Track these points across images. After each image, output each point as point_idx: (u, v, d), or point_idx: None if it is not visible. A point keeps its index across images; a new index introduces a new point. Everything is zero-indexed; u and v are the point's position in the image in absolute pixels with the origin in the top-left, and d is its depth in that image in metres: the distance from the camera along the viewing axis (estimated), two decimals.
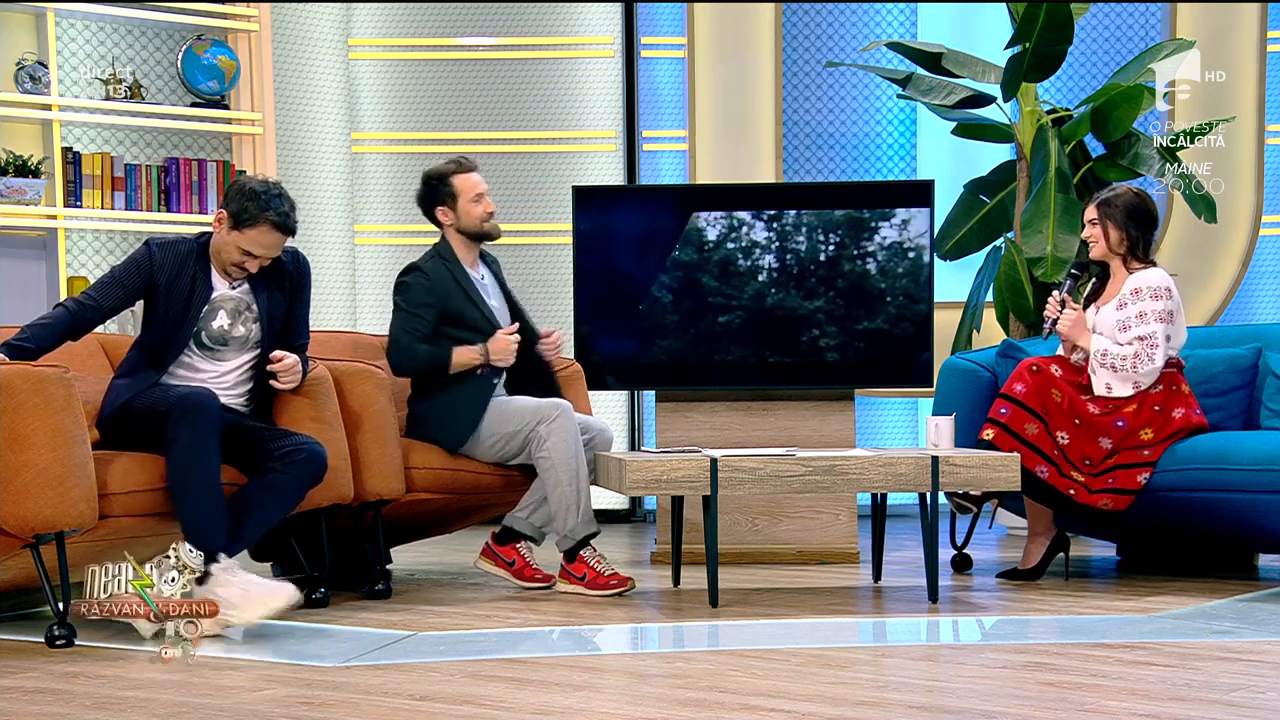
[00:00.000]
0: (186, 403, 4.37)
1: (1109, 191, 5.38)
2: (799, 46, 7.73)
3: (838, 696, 3.45)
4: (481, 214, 5.34)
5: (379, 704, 3.41)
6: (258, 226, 4.58)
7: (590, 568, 5.11)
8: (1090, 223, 5.35)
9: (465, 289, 5.31)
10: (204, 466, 4.33)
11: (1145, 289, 5.23)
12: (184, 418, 4.33)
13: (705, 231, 6.00)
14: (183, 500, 4.32)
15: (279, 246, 4.66)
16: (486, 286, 5.41)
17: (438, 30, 7.62)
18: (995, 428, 5.21)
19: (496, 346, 5.24)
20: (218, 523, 4.33)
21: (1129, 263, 5.32)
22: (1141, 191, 5.39)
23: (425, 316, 5.26)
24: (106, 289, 4.60)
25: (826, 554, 5.98)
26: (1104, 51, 7.80)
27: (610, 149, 7.62)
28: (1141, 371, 5.20)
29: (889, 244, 5.99)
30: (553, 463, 5.11)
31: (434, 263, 5.33)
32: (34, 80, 6.46)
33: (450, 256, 5.35)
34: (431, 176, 5.37)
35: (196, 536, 4.26)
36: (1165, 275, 5.28)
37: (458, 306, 5.29)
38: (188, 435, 4.32)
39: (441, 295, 5.28)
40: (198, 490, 4.32)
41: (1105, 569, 5.76)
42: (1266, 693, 3.47)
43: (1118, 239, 5.31)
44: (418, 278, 5.31)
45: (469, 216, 5.34)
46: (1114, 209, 5.30)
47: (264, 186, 4.61)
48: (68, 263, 6.62)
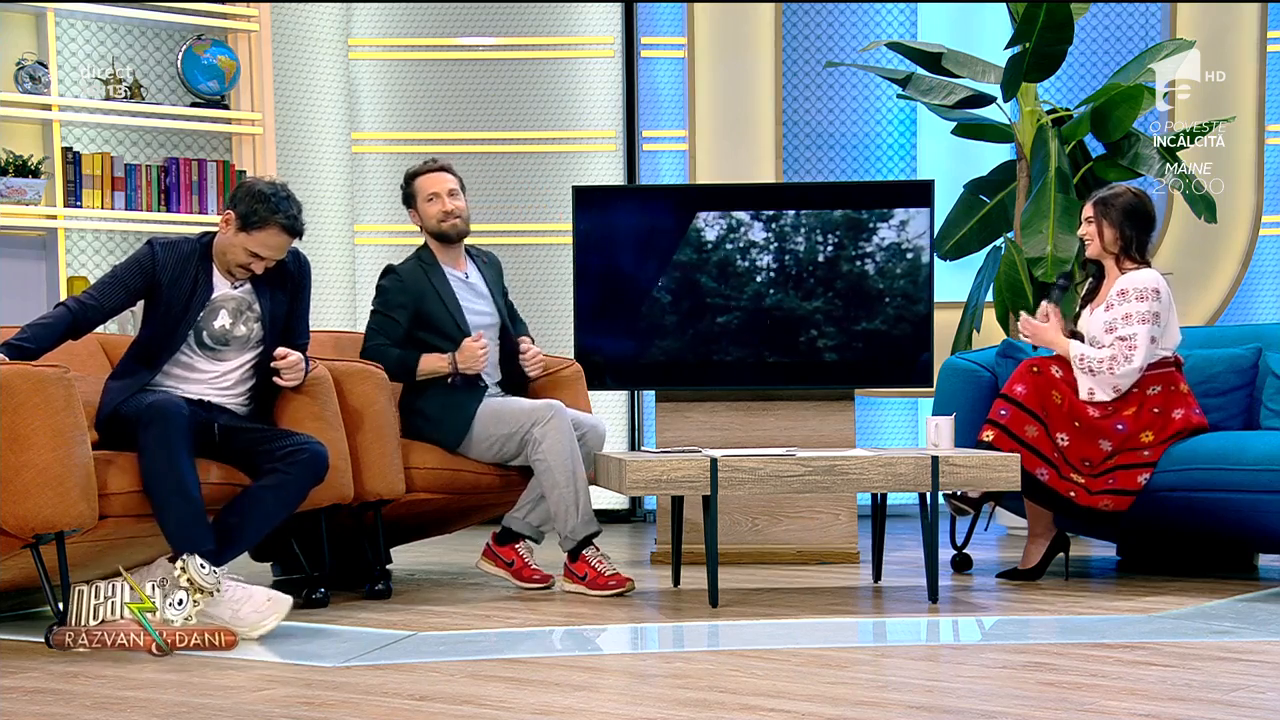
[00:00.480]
0: (151, 411, 4.35)
1: (1108, 190, 5.37)
2: (799, 46, 7.73)
3: (838, 696, 3.45)
4: (437, 213, 5.34)
5: (379, 704, 3.41)
6: (266, 229, 4.58)
7: (592, 568, 5.11)
8: (1087, 220, 5.34)
9: (439, 291, 5.31)
10: (174, 473, 4.28)
11: (1131, 290, 5.22)
12: (150, 426, 4.31)
13: (705, 232, 6.00)
14: (161, 508, 4.30)
15: (285, 249, 4.66)
16: (473, 286, 5.40)
17: (438, 30, 7.62)
18: (995, 429, 5.20)
19: (464, 355, 5.24)
20: (200, 527, 4.30)
21: (1121, 263, 5.31)
22: (1141, 192, 5.38)
23: (398, 319, 5.28)
24: (108, 288, 4.60)
25: (826, 554, 5.98)
26: (1104, 51, 7.80)
27: (610, 149, 7.62)
28: (1118, 373, 5.18)
29: (889, 244, 5.99)
30: (549, 464, 5.11)
31: (411, 264, 5.37)
32: (34, 80, 6.46)
33: (429, 259, 5.37)
34: (405, 178, 5.44)
35: (181, 543, 4.24)
36: (1155, 276, 5.27)
37: (429, 309, 5.31)
38: (154, 443, 4.30)
39: (415, 297, 5.30)
40: (171, 497, 4.28)
41: (1105, 569, 5.76)
42: (1266, 693, 3.47)
43: (1112, 238, 5.30)
44: (392, 280, 5.35)
45: (426, 216, 5.36)
46: (1111, 208, 5.30)
47: (272, 189, 4.60)
48: (68, 263, 6.62)
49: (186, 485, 4.30)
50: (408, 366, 5.25)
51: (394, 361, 5.23)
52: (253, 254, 4.60)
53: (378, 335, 5.30)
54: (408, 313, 5.29)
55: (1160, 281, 5.25)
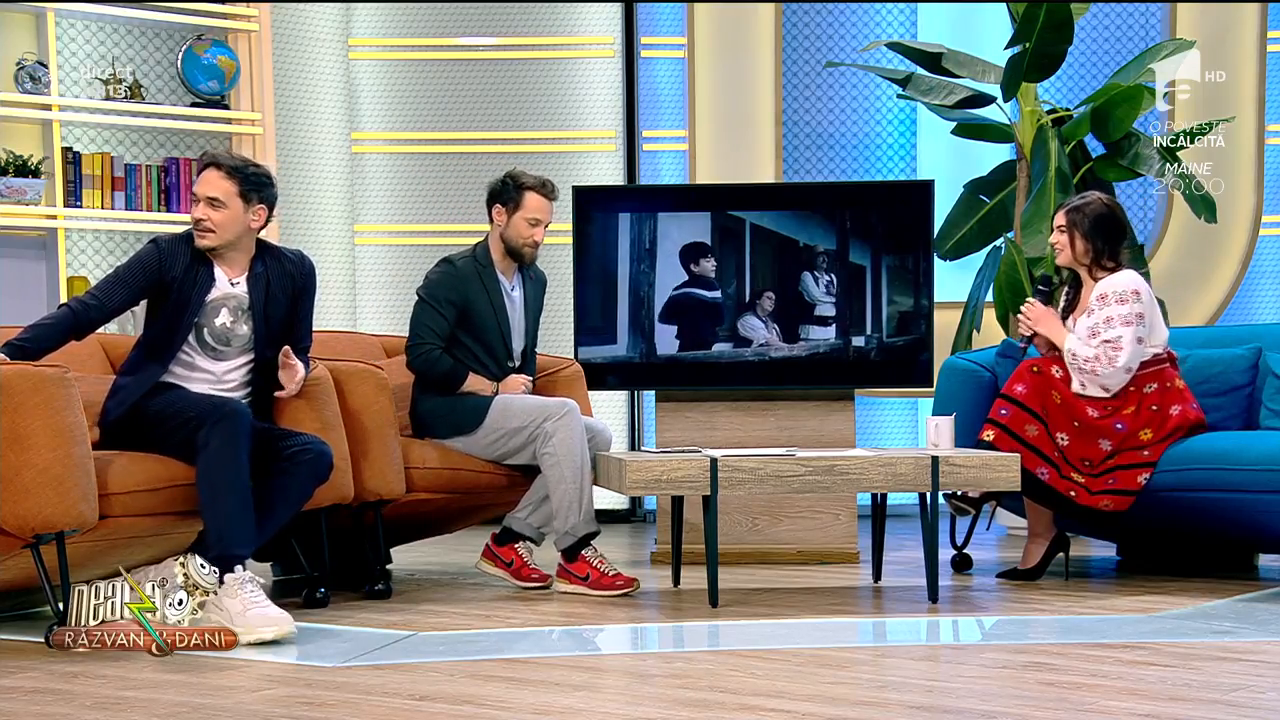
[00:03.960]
0: (223, 410, 4.38)
1: (1080, 199, 5.35)
2: (799, 46, 7.73)
3: (838, 696, 3.45)
4: (529, 238, 5.34)
5: (379, 704, 3.41)
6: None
7: (594, 568, 5.11)
8: (1059, 229, 5.33)
9: (490, 294, 5.31)
10: (235, 473, 4.32)
11: (1111, 294, 5.21)
12: (220, 424, 4.34)
13: (704, 232, 6.00)
14: (211, 505, 4.31)
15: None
16: (514, 302, 5.41)
17: (438, 30, 7.62)
18: (995, 429, 5.20)
19: (507, 388, 5.29)
20: (246, 530, 4.33)
21: (1094, 271, 5.31)
22: (1112, 201, 5.38)
23: (446, 314, 5.27)
24: (111, 288, 4.60)
25: (826, 554, 5.98)
26: (1104, 51, 7.80)
27: (610, 149, 7.62)
28: (1102, 375, 5.18)
29: (889, 244, 5.99)
30: (557, 459, 5.11)
31: (467, 261, 5.33)
32: (34, 80, 6.46)
33: (485, 259, 5.35)
34: (513, 177, 5.37)
35: (223, 543, 4.26)
36: (1133, 277, 5.25)
37: (478, 309, 5.30)
38: (221, 441, 4.32)
39: (464, 295, 5.29)
40: (228, 496, 4.30)
41: (1105, 569, 5.77)
42: (1266, 693, 3.47)
43: (1083, 249, 5.29)
44: (446, 270, 5.32)
45: (516, 231, 5.33)
46: (1082, 218, 5.29)
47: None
48: (68, 263, 6.62)
49: (243, 487, 4.34)
50: (454, 380, 5.26)
51: (444, 372, 5.25)
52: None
53: (430, 332, 5.27)
54: (456, 308, 5.28)
55: (1139, 282, 5.24)
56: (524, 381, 5.34)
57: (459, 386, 5.27)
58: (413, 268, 7.58)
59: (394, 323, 7.53)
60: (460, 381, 5.26)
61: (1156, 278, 7.00)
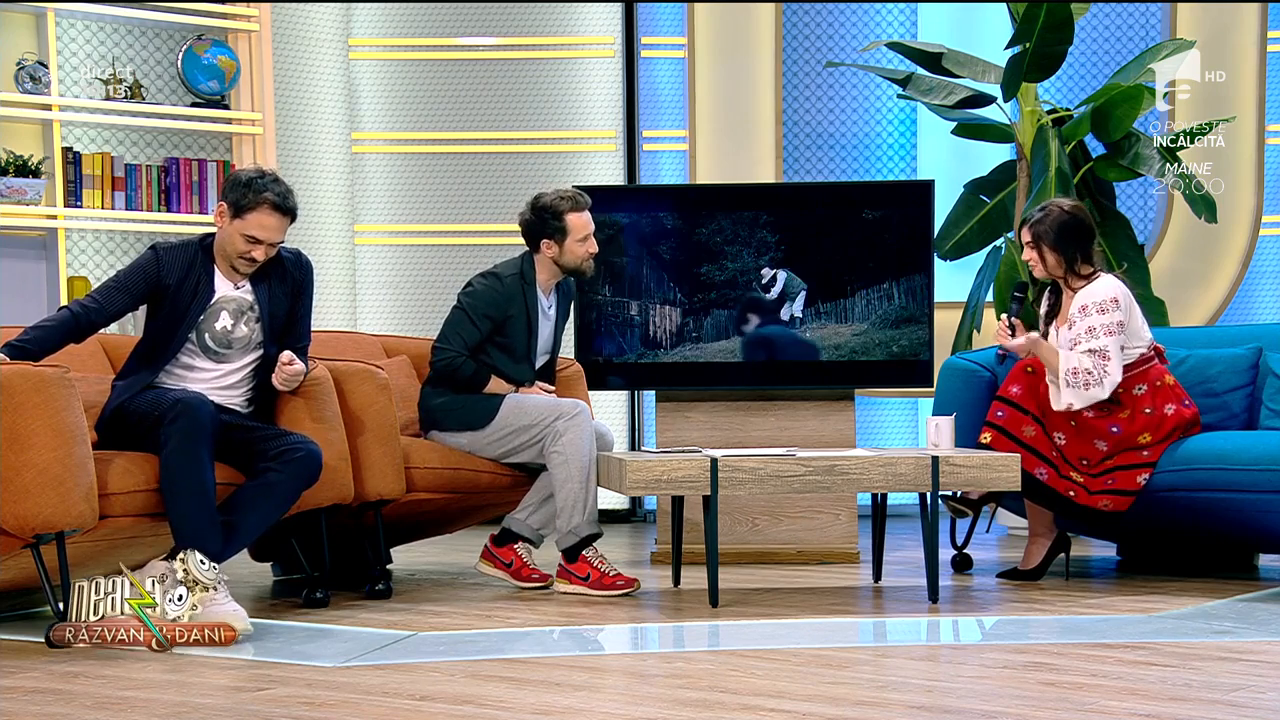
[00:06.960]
0: (179, 406, 4.37)
1: (1039, 212, 5.30)
2: (799, 46, 7.73)
3: (838, 696, 3.45)
4: (585, 254, 5.36)
5: (379, 704, 3.41)
6: (258, 209, 4.59)
7: (595, 568, 5.11)
8: (1026, 244, 5.31)
9: (530, 313, 5.32)
10: (195, 470, 4.31)
11: (1091, 304, 5.18)
12: (176, 421, 4.33)
13: (705, 232, 6.00)
14: (174, 504, 4.31)
15: (282, 230, 4.66)
16: (547, 313, 5.42)
17: (438, 30, 7.62)
18: (993, 431, 5.20)
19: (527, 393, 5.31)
20: (211, 527, 4.32)
21: (1071, 281, 5.28)
22: (1074, 205, 5.32)
23: (481, 328, 5.30)
24: (110, 293, 4.60)
25: (826, 554, 5.98)
26: (1104, 51, 7.80)
27: (610, 149, 7.62)
28: (1094, 388, 5.16)
29: (889, 244, 5.99)
30: (566, 458, 5.12)
31: (514, 280, 5.33)
32: (34, 80, 6.46)
33: (531, 278, 5.36)
34: (545, 209, 5.34)
35: (189, 540, 4.25)
36: (1110, 284, 5.21)
37: (513, 326, 5.31)
38: (179, 438, 4.32)
39: (506, 310, 5.30)
40: (188, 493, 4.30)
41: (1105, 569, 5.77)
42: (1266, 693, 3.47)
43: (1054, 261, 5.27)
44: (492, 284, 5.33)
45: (572, 254, 5.35)
46: (1046, 230, 5.25)
47: (258, 172, 4.67)
48: (68, 263, 6.63)
49: (204, 484, 4.33)
50: (477, 384, 5.28)
51: (468, 376, 5.27)
52: (251, 239, 4.61)
53: (460, 341, 5.29)
54: (491, 324, 5.30)
55: (1117, 288, 5.20)
56: (545, 390, 5.37)
57: (481, 390, 5.29)
58: (413, 268, 7.58)
59: (394, 323, 7.53)
60: (483, 385, 5.29)
61: (1157, 278, 7.01)
